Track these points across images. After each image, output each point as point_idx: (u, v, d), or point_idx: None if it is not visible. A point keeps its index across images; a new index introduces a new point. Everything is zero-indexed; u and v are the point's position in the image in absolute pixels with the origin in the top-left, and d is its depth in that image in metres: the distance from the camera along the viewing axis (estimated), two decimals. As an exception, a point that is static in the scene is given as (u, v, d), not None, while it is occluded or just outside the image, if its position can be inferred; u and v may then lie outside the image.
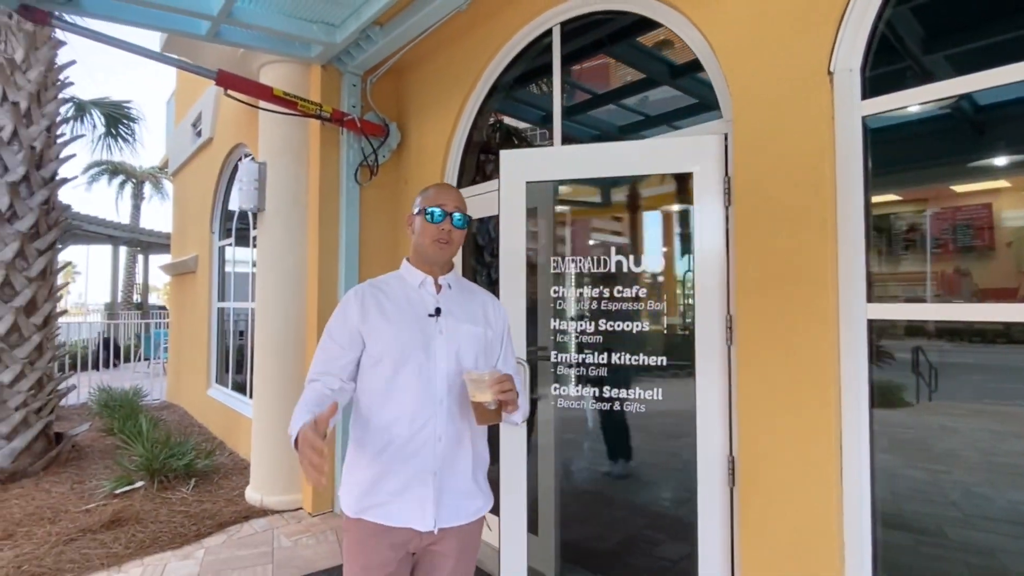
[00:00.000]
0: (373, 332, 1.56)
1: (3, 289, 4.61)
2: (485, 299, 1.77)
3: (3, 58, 4.65)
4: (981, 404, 1.92)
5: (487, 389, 1.44)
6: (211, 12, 3.21)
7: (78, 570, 3.19)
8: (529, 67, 3.55)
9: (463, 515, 1.58)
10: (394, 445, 1.51)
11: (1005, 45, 1.81)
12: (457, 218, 1.62)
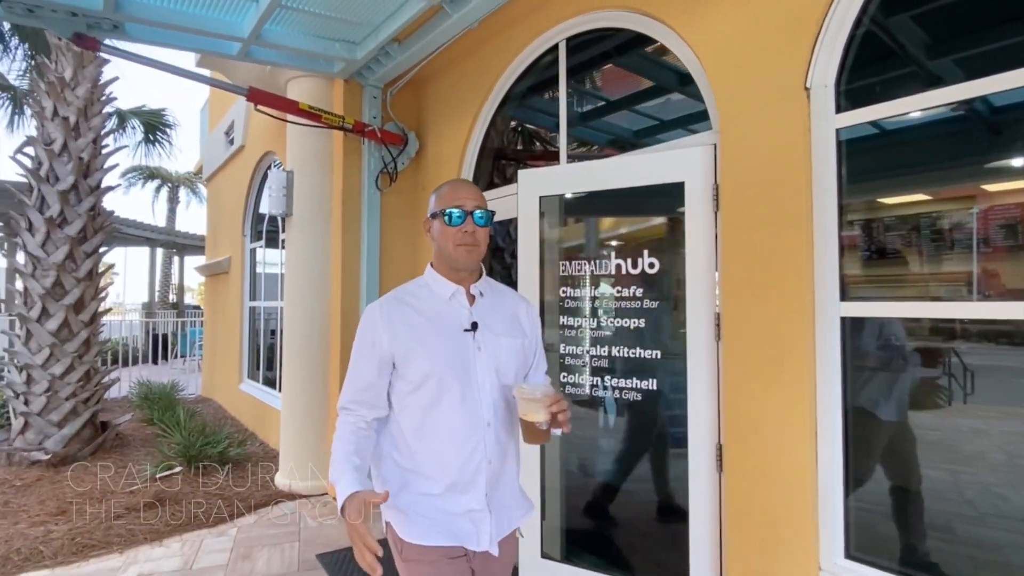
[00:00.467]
0: (407, 356, 1.42)
1: (54, 289, 5.01)
2: (517, 303, 1.62)
3: (54, 77, 5.06)
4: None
5: (541, 408, 1.34)
6: (242, 35, 3.50)
7: (124, 544, 3.52)
8: (539, 79, 3.75)
9: (512, 523, 1.53)
10: (445, 475, 1.41)
11: (961, 63, 1.95)
12: (479, 216, 1.45)
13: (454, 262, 1.47)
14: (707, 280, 2.58)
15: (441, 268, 1.52)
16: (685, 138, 2.76)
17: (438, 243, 1.49)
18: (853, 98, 2.17)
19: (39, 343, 4.94)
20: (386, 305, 1.48)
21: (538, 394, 1.34)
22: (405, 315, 1.45)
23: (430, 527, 1.42)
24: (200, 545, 3.52)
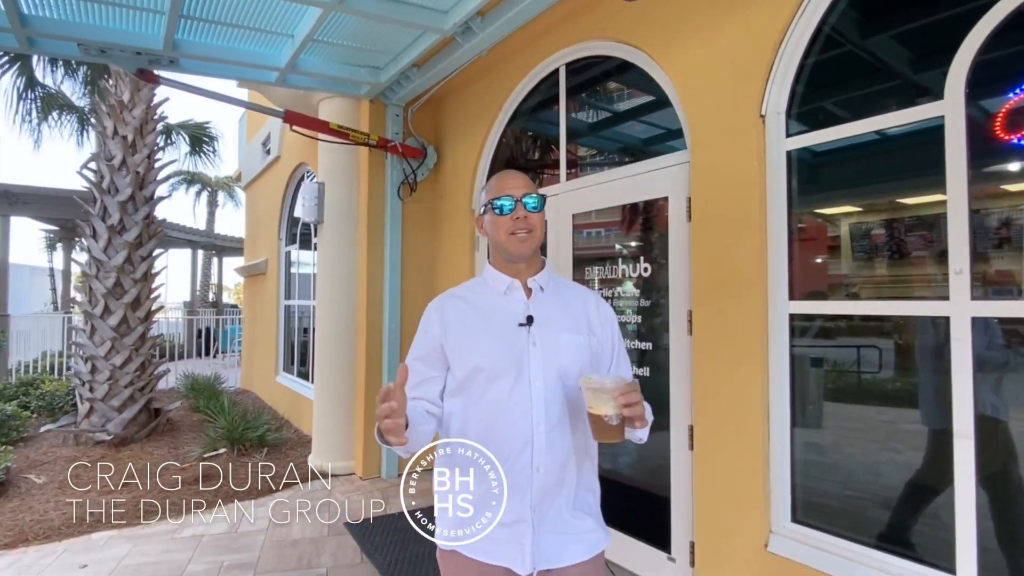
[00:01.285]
0: (456, 349, 1.38)
1: (115, 289, 5.62)
2: (587, 298, 1.51)
3: (115, 100, 5.67)
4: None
5: (609, 400, 1.20)
6: (279, 65, 3.97)
7: (178, 511, 4.04)
8: (545, 96, 4.13)
9: (568, 555, 1.35)
10: (485, 477, 1.31)
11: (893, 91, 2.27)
12: (530, 201, 1.38)
13: (508, 253, 1.41)
14: (684, 282, 2.93)
15: (497, 262, 1.46)
16: (666, 156, 3.11)
17: (491, 237, 1.43)
18: (801, 124, 2.50)
19: (102, 337, 5.55)
20: (441, 300, 1.47)
21: (607, 384, 1.20)
22: (458, 309, 1.42)
23: (474, 533, 1.32)
24: (243, 513, 4.02)
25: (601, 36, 3.39)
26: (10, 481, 4.50)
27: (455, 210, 4.82)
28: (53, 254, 17.76)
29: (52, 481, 4.59)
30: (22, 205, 10.64)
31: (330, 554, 3.41)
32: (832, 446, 2.50)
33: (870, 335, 2.39)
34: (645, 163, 3.22)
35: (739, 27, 2.61)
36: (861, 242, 2.41)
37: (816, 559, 2.29)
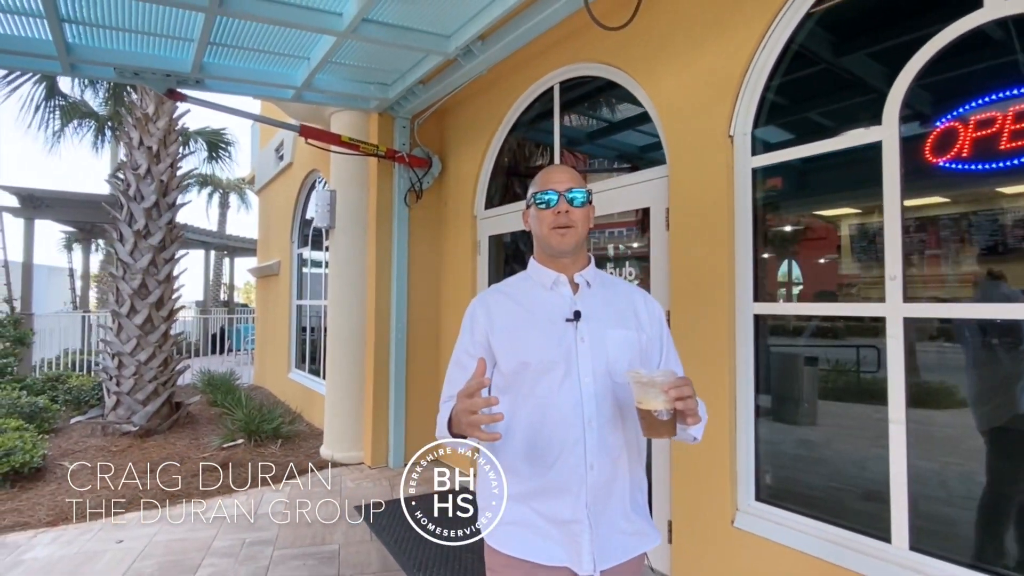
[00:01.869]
0: (503, 345, 1.37)
1: (140, 290, 5.98)
2: (634, 295, 1.50)
3: (141, 113, 6.03)
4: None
5: (660, 394, 1.17)
6: (296, 84, 4.30)
7: (202, 495, 4.37)
8: (540, 111, 4.43)
9: (625, 551, 1.35)
10: (535, 474, 1.32)
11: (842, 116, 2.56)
12: (574, 196, 1.38)
13: (549, 248, 1.41)
14: (664, 284, 3.22)
15: (541, 257, 1.47)
16: (648, 170, 3.40)
17: (535, 231, 1.44)
18: (765, 144, 2.79)
19: (128, 334, 5.92)
20: (486, 295, 1.47)
21: (657, 377, 1.17)
22: (503, 304, 1.42)
23: (518, 535, 1.32)
24: (261, 497, 4.35)
25: (590, 59, 3.68)
26: (47, 467, 4.86)
27: (458, 215, 5.13)
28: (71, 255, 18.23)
29: (84, 468, 4.95)
30: (45, 208, 11.06)
31: (342, 533, 3.73)
32: (791, 435, 2.79)
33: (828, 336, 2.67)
34: (630, 176, 3.51)
35: (711, 56, 2.90)
36: (817, 250, 2.69)
37: (775, 533, 2.58)
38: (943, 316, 2.23)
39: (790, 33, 2.64)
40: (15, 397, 5.81)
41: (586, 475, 1.29)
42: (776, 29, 2.65)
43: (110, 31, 3.55)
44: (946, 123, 2.15)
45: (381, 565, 3.26)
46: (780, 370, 2.83)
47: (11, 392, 5.89)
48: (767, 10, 2.64)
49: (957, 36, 2.12)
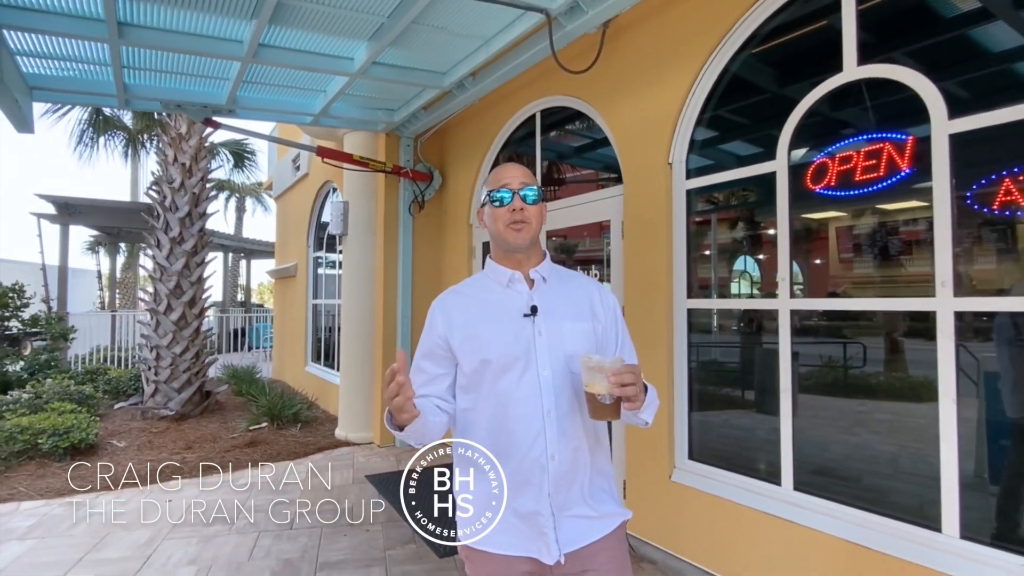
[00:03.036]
0: (462, 344, 1.39)
1: (175, 290, 6.71)
2: (589, 287, 1.53)
3: (175, 133, 6.77)
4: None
5: (604, 379, 1.22)
6: (313, 111, 4.99)
7: (234, 467, 5.07)
8: (525, 132, 5.09)
9: (590, 533, 1.39)
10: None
11: (750, 149, 3.19)
12: (527, 193, 1.41)
13: (505, 244, 1.43)
14: (620, 284, 3.85)
15: (498, 256, 1.49)
16: (608, 189, 4.04)
17: (490, 229, 1.46)
18: (697, 170, 3.42)
19: (165, 330, 6.65)
20: (443, 298, 1.48)
21: (605, 363, 1.22)
22: (461, 304, 1.44)
23: (492, 529, 1.33)
24: (285, 469, 5.05)
25: (565, 93, 4.33)
26: (98, 444, 5.59)
27: (456, 223, 5.79)
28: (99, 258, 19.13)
29: (130, 445, 5.68)
30: (78, 215, 11.90)
31: (354, 495, 4.41)
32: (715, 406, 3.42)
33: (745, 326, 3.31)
34: (596, 193, 4.16)
35: (655, 96, 3.54)
36: (737, 257, 3.33)
37: (704, 484, 3.21)
38: (818, 308, 2.85)
39: (712, 82, 3.27)
40: (65, 385, 6.56)
41: (547, 466, 1.33)
42: (703, 79, 3.29)
43: (160, 73, 4.25)
44: (820, 159, 2.78)
45: (388, 515, 3.93)
46: (709, 353, 3.46)
47: (62, 381, 6.64)
48: (695, 63, 3.27)
49: (826, 92, 2.74)
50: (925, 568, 2.25)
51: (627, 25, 3.66)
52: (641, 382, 1.26)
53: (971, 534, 2.23)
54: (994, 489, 2.32)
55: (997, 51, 2.38)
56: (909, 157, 2.45)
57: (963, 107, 2.30)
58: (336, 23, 3.54)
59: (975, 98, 2.32)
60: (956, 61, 2.45)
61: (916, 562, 2.29)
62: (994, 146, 2.27)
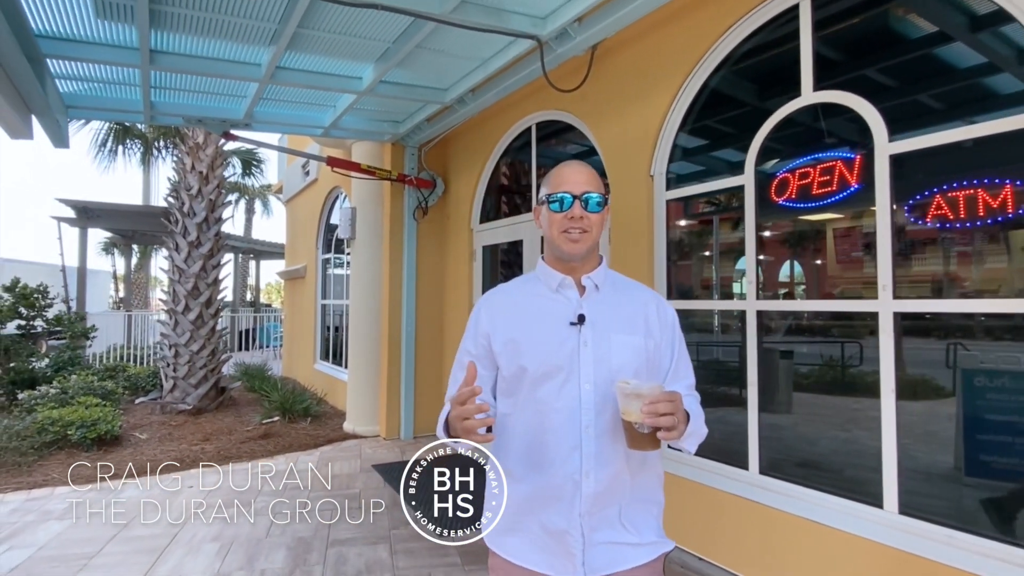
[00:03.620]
0: (503, 348, 1.34)
1: (193, 291, 7.08)
2: (647, 299, 1.44)
3: (193, 143, 7.14)
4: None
5: (640, 407, 1.13)
6: (324, 124, 5.33)
7: (249, 457, 5.42)
8: (522, 143, 5.40)
9: (623, 560, 1.30)
10: (532, 481, 1.30)
11: (723, 163, 3.48)
12: (590, 198, 1.32)
13: (560, 252, 1.36)
14: (608, 287, 4.16)
15: (551, 260, 1.41)
16: (598, 197, 4.34)
17: (545, 232, 1.39)
18: (676, 182, 3.72)
19: (183, 329, 7.02)
20: (491, 296, 1.44)
21: (643, 389, 1.14)
22: (506, 306, 1.39)
23: (515, 540, 1.31)
24: (297, 459, 5.38)
25: (557, 108, 4.64)
26: (122, 436, 5.95)
27: (458, 228, 6.12)
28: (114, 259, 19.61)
29: (152, 437, 6.04)
30: (96, 218, 12.33)
31: (361, 482, 4.74)
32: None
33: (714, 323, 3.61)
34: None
35: (638, 113, 3.84)
36: (709, 261, 3.63)
37: (683, 471, 3.50)
38: (783, 309, 3.15)
39: (690, 101, 3.57)
40: (89, 381, 6.93)
41: (581, 483, 1.25)
42: (681, 97, 3.59)
43: (184, 92, 4.60)
44: (782, 174, 3.08)
45: (392, 500, 4.25)
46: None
47: (85, 377, 7.02)
48: (674, 84, 3.57)
49: (787, 114, 3.04)
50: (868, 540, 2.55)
51: (613, 47, 3.96)
52: (682, 411, 1.17)
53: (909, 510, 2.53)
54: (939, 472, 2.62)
55: (932, 80, 2.68)
56: (857, 174, 2.75)
57: (901, 130, 2.60)
58: (346, 48, 3.86)
59: (912, 122, 2.61)
60: (896, 88, 2.75)
61: (862, 535, 2.58)
62: (928, 165, 2.56)
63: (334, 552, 3.44)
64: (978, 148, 2.37)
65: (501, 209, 5.78)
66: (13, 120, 3.55)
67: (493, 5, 3.39)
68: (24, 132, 3.79)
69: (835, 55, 2.91)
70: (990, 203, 2.35)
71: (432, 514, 1.35)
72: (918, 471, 2.57)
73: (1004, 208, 2.31)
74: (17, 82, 3.31)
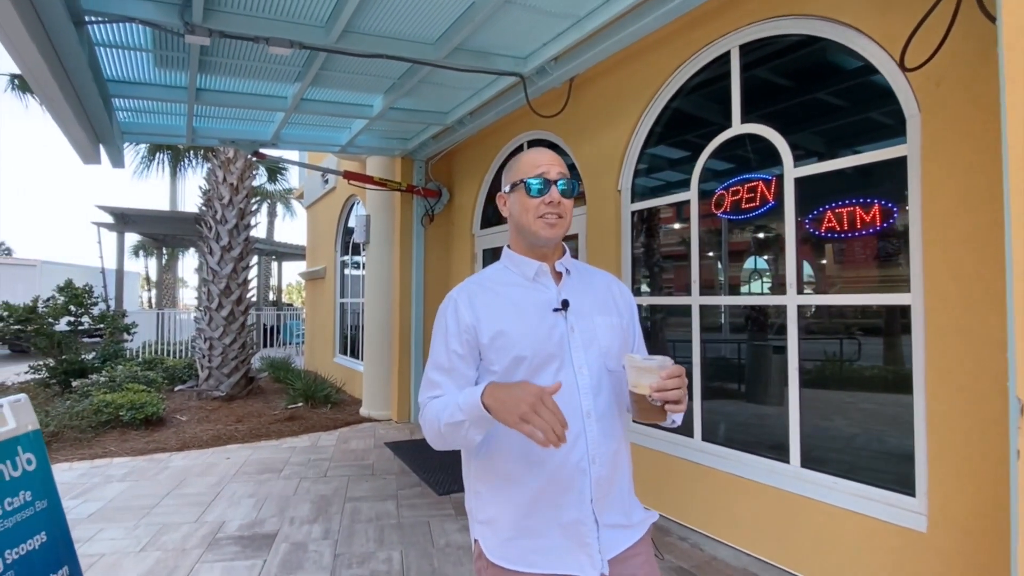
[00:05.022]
0: (493, 341, 1.26)
1: (225, 291, 7.88)
2: (608, 280, 1.46)
3: (224, 157, 7.94)
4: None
5: (655, 379, 1.14)
6: (341, 143, 6.05)
7: (277, 436, 6.17)
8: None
9: (627, 539, 1.30)
10: (535, 476, 1.23)
11: (675, 180, 4.11)
12: (563, 185, 1.30)
13: (535, 238, 1.32)
14: (585, 285, 4.80)
15: (519, 247, 1.38)
16: (575, 209, 4.97)
17: (516, 219, 1.35)
18: (639, 195, 4.36)
19: (216, 324, 7.82)
20: (466, 287, 1.36)
21: (654, 363, 1.15)
22: (487, 298, 1.31)
23: (523, 547, 1.24)
24: (319, 438, 6.12)
25: (543, 128, 5.30)
26: (166, 418, 6.75)
27: (462, 233, 6.80)
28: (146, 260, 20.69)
29: (191, 419, 6.83)
30: (131, 223, 13.28)
31: (375, 456, 5.45)
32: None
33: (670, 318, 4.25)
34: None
35: (608, 136, 4.48)
36: (666, 262, 4.27)
37: (644, 441, 4.14)
38: (716, 303, 3.78)
39: (649, 127, 4.21)
40: (133, 371, 7.76)
41: (588, 470, 1.24)
42: (642, 123, 4.22)
43: (220, 119, 5.35)
44: (719, 192, 3.70)
45: (400, 469, 4.95)
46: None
47: (130, 367, 7.85)
48: (637, 111, 4.20)
49: (722, 141, 3.66)
50: (778, 488, 3.17)
51: (588, 79, 4.61)
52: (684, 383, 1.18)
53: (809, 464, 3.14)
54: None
55: (826, 117, 3.28)
56: (773, 192, 3.36)
57: (803, 157, 3.21)
58: (360, 83, 4.56)
59: (811, 151, 3.23)
60: (800, 123, 3.36)
61: (774, 485, 3.21)
62: (822, 186, 3.17)
63: (350, 506, 4.15)
64: (857, 174, 2.98)
65: (498, 216, 6.45)
66: (88, 148, 4.31)
67: (480, 49, 4.06)
68: (94, 158, 4.55)
69: (757, 94, 3.53)
70: (864, 218, 2.96)
71: (433, 480, 1.87)
72: (815, 435, 3.19)
73: (874, 222, 2.92)
74: (93, 119, 4.06)
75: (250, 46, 3.72)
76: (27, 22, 2.53)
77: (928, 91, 2.58)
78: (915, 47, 2.48)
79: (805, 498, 3.06)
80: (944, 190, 2.52)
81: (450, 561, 3.27)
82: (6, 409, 2.39)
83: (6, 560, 2.12)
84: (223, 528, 3.76)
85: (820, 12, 3.02)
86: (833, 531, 2.91)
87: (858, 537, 2.81)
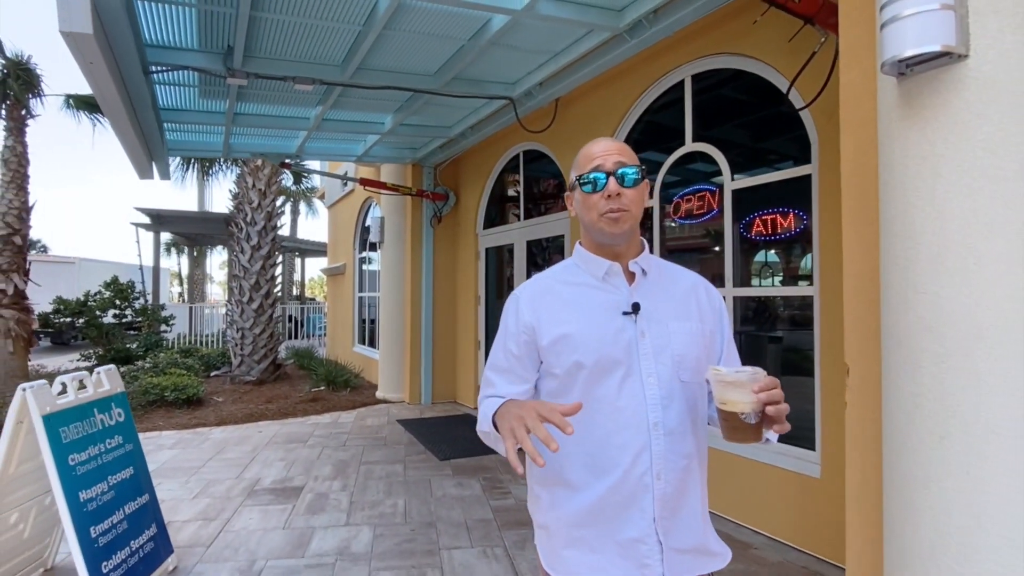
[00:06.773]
0: (554, 344, 1.19)
1: (255, 286, 8.70)
2: (695, 283, 1.31)
3: (254, 164, 8.74)
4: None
5: (747, 394, 1.01)
6: (357, 154, 6.78)
7: (303, 414, 6.95)
8: (513, 165, 6.73)
9: (700, 567, 1.20)
10: (597, 488, 1.15)
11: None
12: (625, 173, 1.18)
13: (601, 236, 1.21)
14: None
15: (589, 245, 1.28)
16: (560, 213, 5.64)
17: (582, 217, 1.25)
18: (614, 201, 4.99)
19: (247, 316, 8.65)
20: (530, 286, 1.29)
21: (743, 377, 1.02)
22: (550, 298, 1.24)
23: (576, 560, 1.17)
24: (339, 416, 6.89)
25: (534, 140, 5.96)
26: (204, 399, 7.58)
27: (467, 234, 7.49)
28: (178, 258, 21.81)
29: (227, 400, 7.66)
30: (166, 224, 14.25)
31: (388, 431, 6.19)
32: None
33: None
34: (555, 215, 5.79)
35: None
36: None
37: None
38: (674, 295, 4.42)
39: (624, 136, 4.84)
40: (173, 358, 8.63)
41: (652, 486, 1.13)
42: (619, 133, 4.86)
43: (252, 136, 6.11)
44: (675, 200, 4.32)
45: (409, 440, 5.68)
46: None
47: (171, 355, 8.72)
48: (612, 126, 4.84)
49: (677, 157, 4.28)
50: (713, 448, 3.80)
51: (572, 99, 5.25)
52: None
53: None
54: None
55: (758, 137, 3.88)
56: (717, 201, 3.98)
57: (739, 171, 3.83)
58: (372, 105, 5.27)
59: (743, 167, 3.84)
60: (737, 142, 3.96)
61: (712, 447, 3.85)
62: (753, 197, 3.78)
63: (365, 468, 4.88)
64: (780, 187, 3.60)
65: (499, 218, 7.13)
66: (144, 165, 5.09)
67: (474, 78, 4.73)
68: (149, 173, 5.34)
69: (705, 116, 4.14)
70: (783, 224, 3.58)
71: (436, 449, 2.42)
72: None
73: (790, 228, 3.54)
74: (150, 141, 4.84)
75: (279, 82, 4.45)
76: (113, 75, 3.28)
77: (822, 123, 3.19)
78: (814, 85, 3.09)
79: (737, 456, 3.70)
80: (833, 202, 3.13)
81: (444, 507, 3.97)
82: (103, 375, 3.16)
83: (109, 482, 2.89)
84: (259, 483, 4.53)
85: (746, 51, 3.64)
86: (755, 481, 3.54)
87: (773, 484, 3.44)
